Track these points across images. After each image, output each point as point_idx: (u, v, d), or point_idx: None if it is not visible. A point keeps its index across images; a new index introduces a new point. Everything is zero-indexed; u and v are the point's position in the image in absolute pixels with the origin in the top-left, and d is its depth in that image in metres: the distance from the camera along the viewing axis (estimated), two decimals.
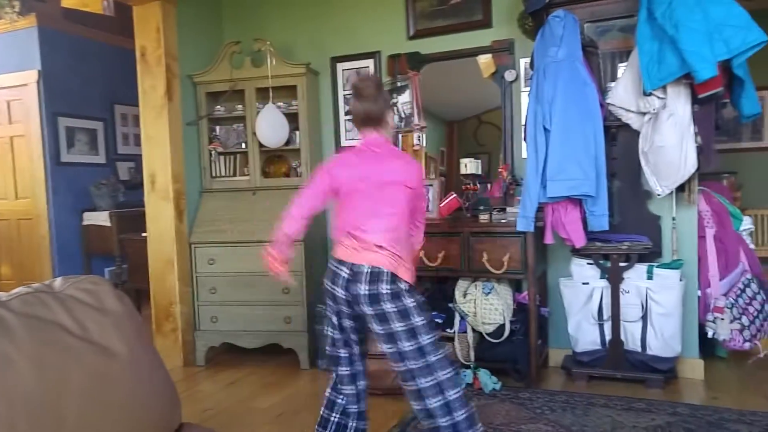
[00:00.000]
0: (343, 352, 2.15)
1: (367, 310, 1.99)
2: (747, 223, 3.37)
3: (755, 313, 3.09)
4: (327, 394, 2.20)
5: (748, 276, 3.19)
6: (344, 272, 2.02)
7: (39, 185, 5.06)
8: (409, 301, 1.99)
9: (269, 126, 3.58)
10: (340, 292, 2.03)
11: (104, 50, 5.51)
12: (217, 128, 3.98)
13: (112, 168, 5.59)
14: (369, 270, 1.99)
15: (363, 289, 1.98)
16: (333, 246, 2.14)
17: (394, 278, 2.00)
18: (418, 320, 1.98)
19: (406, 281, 2.03)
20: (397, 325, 1.97)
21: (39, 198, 5.07)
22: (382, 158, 2.11)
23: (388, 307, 1.97)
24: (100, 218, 5.12)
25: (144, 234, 3.80)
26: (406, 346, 1.96)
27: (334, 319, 2.12)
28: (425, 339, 1.97)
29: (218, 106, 3.89)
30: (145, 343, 1.23)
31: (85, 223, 5.23)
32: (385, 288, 1.97)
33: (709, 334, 3.10)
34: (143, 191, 3.74)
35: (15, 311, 1.04)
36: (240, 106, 3.84)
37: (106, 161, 5.56)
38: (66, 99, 5.19)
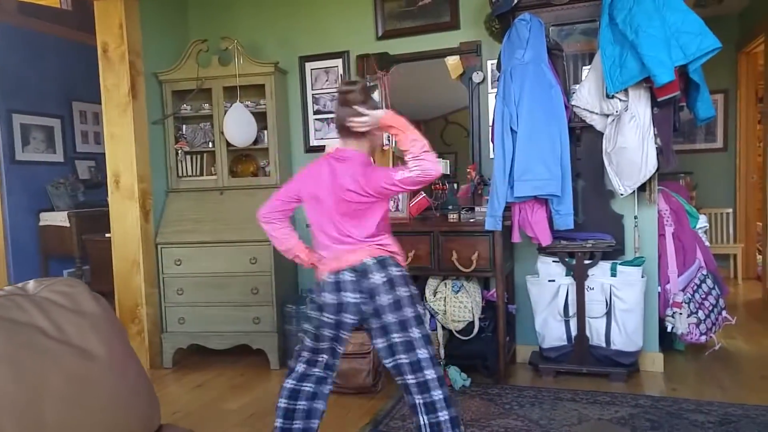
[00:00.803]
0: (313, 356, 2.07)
1: (385, 299, 1.92)
2: (703, 222, 3.52)
3: (710, 308, 3.23)
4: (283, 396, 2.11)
5: (704, 272, 3.33)
6: (348, 276, 1.95)
7: None
8: (411, 288, 2.00)
9: (237, 125, 3.54)
10: (349, 297, 1.95)
11: (61, 45, 5.32)
12: (184, 127, 3.91)
13: (70, 167, 5.41)
14: (374, 261, 1.95)
15: (378, 277, 1.92)
16: (319, 266, 2.07)
17: (396, 262, 1.99)
18: (418, 309, 1.99)
19: (402, 267, 2.02)
20: (409, 311, 1.95)
21: None
22: (341, 170, 1.99)
23: (402, 291, 1.95)
24: (58, 218, 4.95)
25: (108, 235, 3.71)
26: (416, 333, 1.94)
27: (323, 331, 2.01)
28: (423, 330, 1.98)
29: (184, 105, 3.83)
30: (123, 344, 1.21)
31: (42, 223, 5.05)
32: (395, 271, 1.96)
33: (669, 329, 3.22)
34: (104, 191, 3.65)
35: None
36: (207, 105, 3.78)
37: (65, 160, 5.37)
38: (21, 95, 4.99)
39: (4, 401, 0.94)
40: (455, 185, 3.54)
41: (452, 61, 3.57)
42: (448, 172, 3.51)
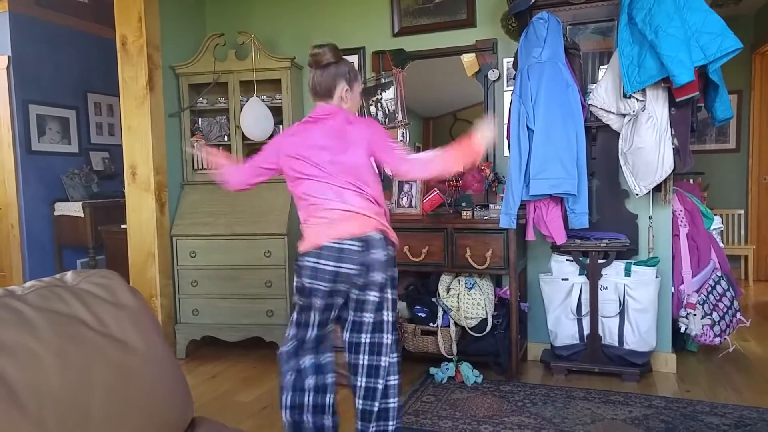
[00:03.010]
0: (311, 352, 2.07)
1: (379, 277, 1.93)
2: (717, 223, 3.51)
3: (725, 309, 3.22)
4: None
5: (719, 273, 3.32)
6: (353, 245, 1.91)
7: (9, 174, 4.91)
8: (395, 271, 2.02)
9: (254, 119, 3.56)
10: (351, 268, 1.91)
11: (77, 37, 5.36)
12: (200, 120, 3.93)
13: (85, 158, 5.45)
14: (377, 236, 1.94)
15: (380, 254, 1.92)
16: (304, 235, 2.01)
17: (390, 242, 1.99)
18: (395, 293, 2.02)
19: (393, 246, 2.02)
20: (390, 293, 1.99)
21: (9, 187, 4.92)
22: (336, 127, 2.01)
23: (391, 272, 1.98)
24: (73, 209, 5.00)
25: (123, 226, 3.74)
26: (388, 315, 1.99)
27: (315, 317, 2.01)
28: (393, 315, 2.03)
29: (201, 98, 3.85)
30: (159, 337, 1.22)
31: (56, 213, 5.09)
32: (392, 251, 1.98)
33: (682, 330, 3.21)
34: (118, 182, 3.68)
35: (33, 306, 1.02)
36: (223, 98, 3.80)
37: (79, 151, 5.41)
38: (37, 86, 5.03)
39: (50, 393, 0.94)
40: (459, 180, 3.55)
41: (468, 59, 3.56)
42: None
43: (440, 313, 3.23)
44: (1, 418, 0.87)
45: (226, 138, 3.83)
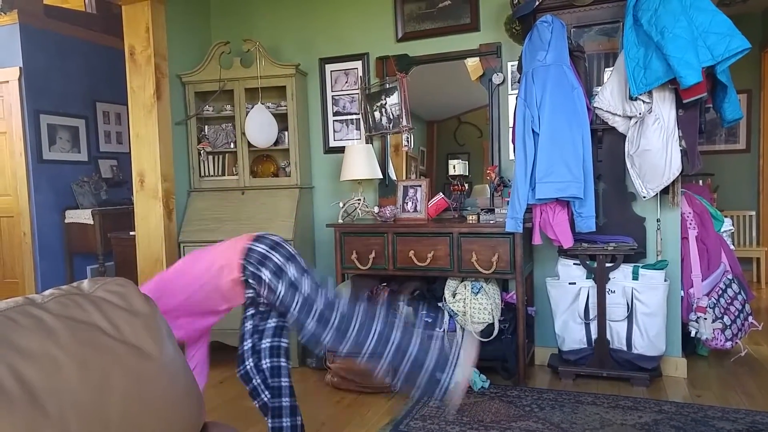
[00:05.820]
0: None
1: None
2: (727, 225, 3.47)
3: (736, 313, 3.18)
4: None
5: (729, 276, 3.28)
6: None
7: (21, 183, 4.98)
8: None
9: (258, 126, 3.58)
10: None
11: (86, 47, 5.43)
12: (206, 128, 3.96)
13: (94, 166, 5.52)
14: None
15: None
16: None
17: None
18: None
19: None
20: None
21: (21, 196, 4.99)
22: None
23: None
24: (83, 216, 5.05)
25: (132, 233, 3.78)
26: None
27: None
28: None
29: (207, 106, 3.88)
30: (172, 343, 1.25)
31: (67, 221, 5.15)
32: None
33: (692, 334, 3.17)
34: (126, 189, 3.71)
35: (53, 313, 1.05)
36: (229, 106, 3.83)
37: (88, 159, 5.48)
38: (48, 96, 5.11)
39: (71, 398, 0.97)
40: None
41: (472, 63, 3.56)
42: (468, 173, 3.51)
43: (446, 318, 3.22)
44: (25, 422, 0.90)
45: (232, 145, 3.85)
